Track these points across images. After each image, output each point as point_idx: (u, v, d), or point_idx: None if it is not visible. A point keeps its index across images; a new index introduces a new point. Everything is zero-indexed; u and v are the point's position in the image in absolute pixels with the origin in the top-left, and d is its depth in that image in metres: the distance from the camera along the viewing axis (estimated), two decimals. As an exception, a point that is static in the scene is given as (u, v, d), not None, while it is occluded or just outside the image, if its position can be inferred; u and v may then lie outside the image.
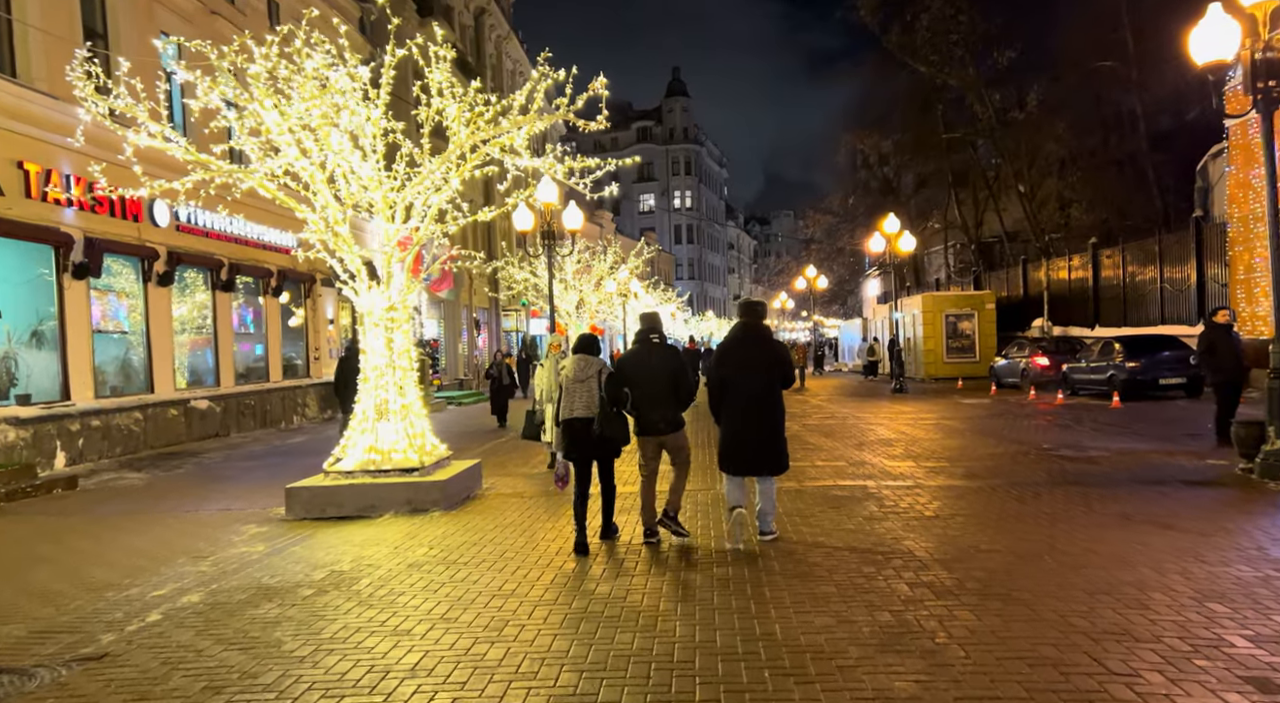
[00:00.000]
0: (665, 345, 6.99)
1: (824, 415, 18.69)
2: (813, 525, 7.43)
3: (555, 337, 10.67)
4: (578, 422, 6.78)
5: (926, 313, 32.05)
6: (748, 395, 6.57)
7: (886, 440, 13.72)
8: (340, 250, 9.16)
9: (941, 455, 11.84)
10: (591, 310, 28.26)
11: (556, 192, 18.26)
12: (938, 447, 12.84)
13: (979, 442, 13.23)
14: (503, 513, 8.55)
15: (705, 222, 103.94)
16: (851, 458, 11.76)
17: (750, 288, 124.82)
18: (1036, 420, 16.34)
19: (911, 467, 10.80)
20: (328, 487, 8.79)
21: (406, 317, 9.42)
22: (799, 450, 12.67)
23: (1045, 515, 7.54)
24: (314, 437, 18.50)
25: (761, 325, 6.94)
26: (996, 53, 32.38)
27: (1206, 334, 11.71)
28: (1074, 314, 28.81)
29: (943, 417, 17.69)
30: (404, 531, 7.86)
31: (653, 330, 7.00)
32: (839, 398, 24.69)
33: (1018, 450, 12.06)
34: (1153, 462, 10.62)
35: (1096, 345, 21.37)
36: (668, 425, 6.77)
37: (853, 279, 71.92)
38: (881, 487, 9.33)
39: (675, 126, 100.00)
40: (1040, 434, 14.03)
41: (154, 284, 15.61)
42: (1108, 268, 26.75)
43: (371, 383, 9.20)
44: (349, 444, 9.21)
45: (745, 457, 6.65)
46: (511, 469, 11.87)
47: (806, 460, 11.59)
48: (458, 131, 8.77)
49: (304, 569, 6.54)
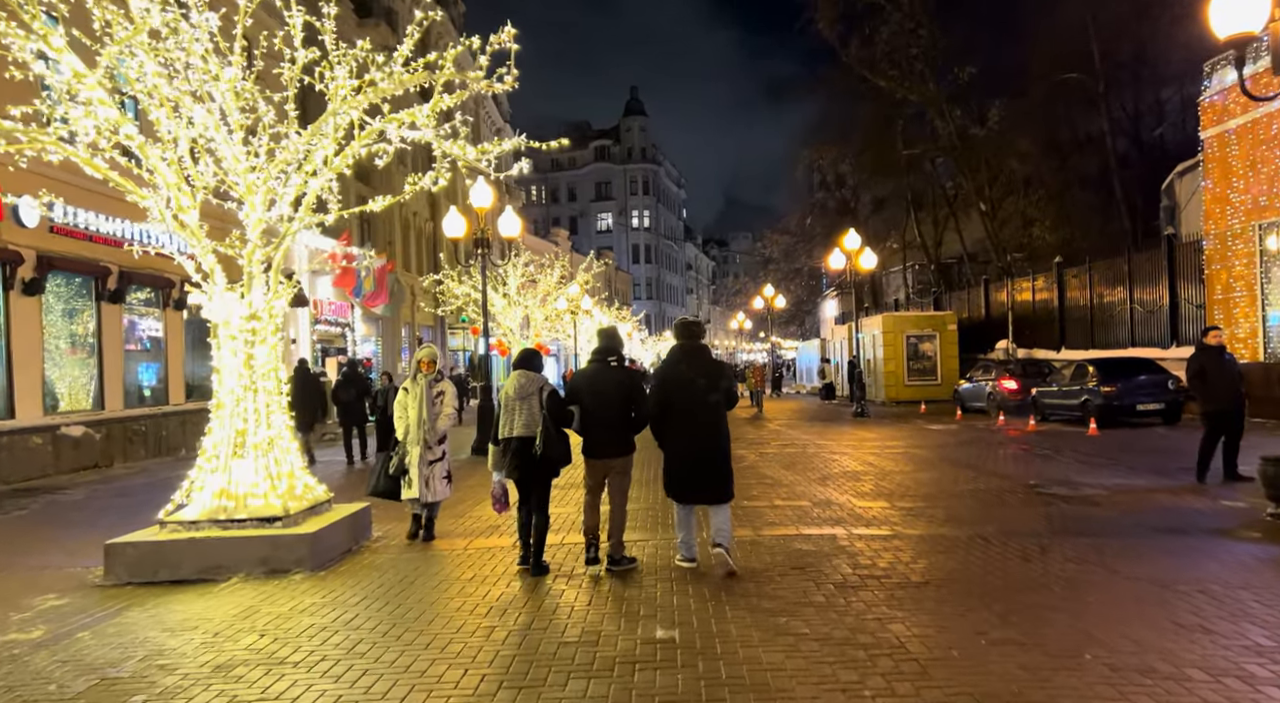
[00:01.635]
0: (623, 367, 6.78)
1: (783, 443, 17.16)
2: (773, 597, 5.79)
3: (426, 350, 7.95)
4: (517, 441, 6.54)
5: (887, 334, 30.92)
6: (692, 418, 6.36)
7: (853, 474, 12.20)
8: (192, 244, 7.36)
9: (917, 493, 10.32)
10: (538, 328, 26.50)
11: (492, 194, 16.60)
12: (911, 482, 11.34)
13: (956, 475, 11.77)
14: (385, 575, 6.78)
15: (663, 241, 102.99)
16: (816, 496, 10.18)
17: (708, 309, 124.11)
18: (1011, 449, 14.98)
19: (885, 508, 9.25)
20: (160, 542, 6.94)
21: (274, 328, 7.64)
22: (756, 486, 11.07)
23: (1061, 582, 6.00)
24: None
25: (701, 346, 6.74)
26: (957, 68, 31.58)
27: (1197, 357, 10.40)
28: (1039, 336, 27.81)
29: (910, 445, 16.27)
30: (244, 604, 6.04)
31: (611, 351, 6.75)
32: (798, 423, 23.22)
33: (1002, 487, 10.60)
34: (1160, 503, 9.21)
35: (1067, 369, 20.22)
36: (617, 450, 6.56)
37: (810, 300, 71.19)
38: (854, 537, 7.74)
39: (633, 146, 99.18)
40: (1021, 466, 12.63)
41: (17, 293, 13.54)
42: (1074, 288, 25.79)
43: (227, 410, 7.38)
44: (195, 486, 7.36)
45: (692, 482, 6.41)
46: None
47: (764, 499, 9.98)
48: (346, 94, 7.08)
49: (68, 675, 4.71)
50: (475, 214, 16.71)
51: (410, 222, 37.29)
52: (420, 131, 7.33)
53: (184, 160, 7.12)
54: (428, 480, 7.86)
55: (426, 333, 39.13)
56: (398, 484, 7.89)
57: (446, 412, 7.93)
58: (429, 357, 8.01)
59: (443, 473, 8.04)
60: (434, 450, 7.93)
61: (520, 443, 6.49)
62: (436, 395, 7.89)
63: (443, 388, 7.97)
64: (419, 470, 7.85)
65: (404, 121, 7.43)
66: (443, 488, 8.05)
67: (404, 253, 36.14)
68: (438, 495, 8.03)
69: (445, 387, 8.01)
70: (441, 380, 8.00)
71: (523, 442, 6.48)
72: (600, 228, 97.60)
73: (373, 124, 7.43)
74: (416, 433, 7.83)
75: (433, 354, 8.09)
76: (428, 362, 7.94)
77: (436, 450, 7.96)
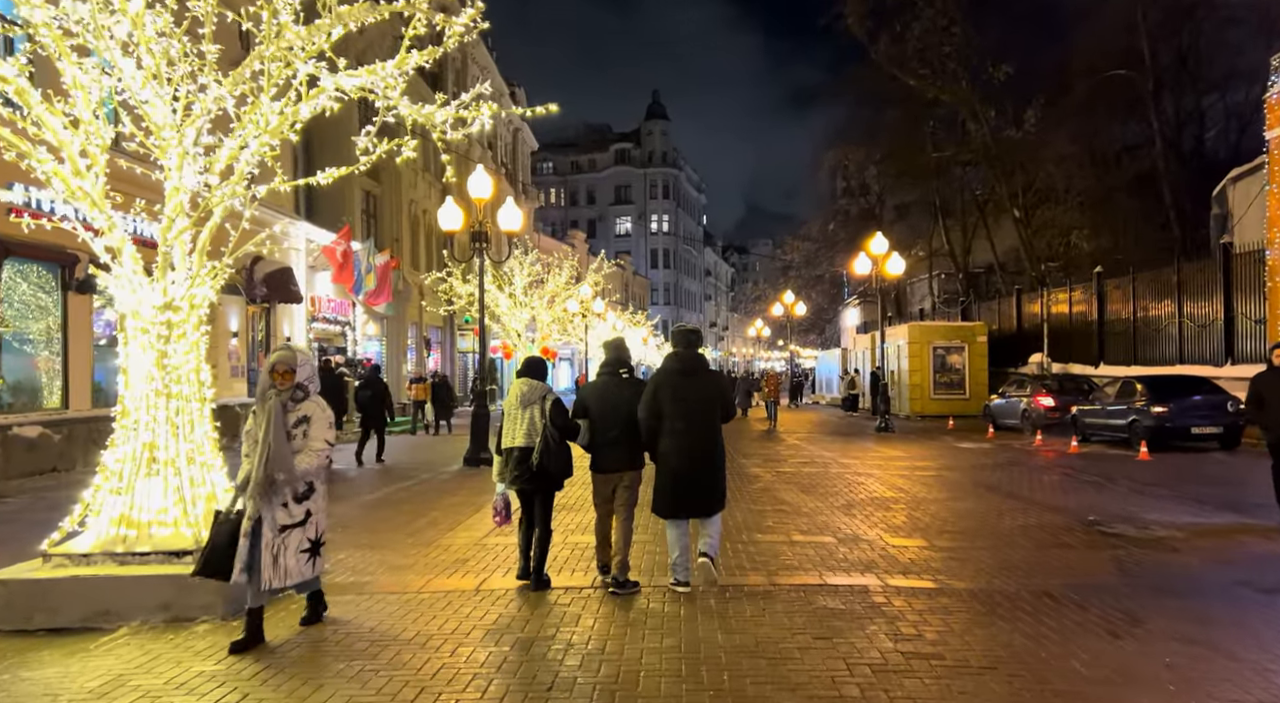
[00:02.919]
0: (634, 380, 6.56)
1: (802, 461, 15.75)
2: (793, 685, 4.44)
3: (280, 354, 5.17)
4: (518, 451, 6.30)
5: (913, 344, 29.42)
6: (685, 430, 6.09)
7: (882, 501, 10.79)
8: (96, 219, 6.12)
9: (958, 528, 8.92)
10: (545, 330, 25.25)
11: (491, 184, 15.35)
12: (948, 512, 9.92)
13: (999, 505, 10.33)
14: (319, 632, 5.48)
15: (683, 247, 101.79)
16: (841, 529, 8.80)
17: (727, 315, 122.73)
18: (1056, 475, 13.52)
19: (923, 548, 7.86)
20: (39, 581, 5.68)
21: (197, 322, 6.37)
22: (772, 514, 9.70)
23: (1172, 677, 4.57)
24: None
25: (698, 355, 6.39)
26: (992, 67, 30.05)
27: (1263, 379, 8.92)
28: (1075, 350, 26.22)
29: (944, 466, 14.82)
30: (114, 670, 4.75)
31: (621, 363, 6.55)
32: (818, 437, 21.78)
33: (1055, 522, 9.17)
34: (1252, 550, 7.77)
35: (1112, 386, 18.69)
36: (627, 464, 6.37)
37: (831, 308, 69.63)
38: (889, 590, 6.36)
39: (654, 150, 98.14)
40: (1071, 496, 11.19)
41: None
42: (1115, 300, 24.20)
43: (133, 419, 6.12)
44: (90, 509, 6.09)
45: (688, 498, 6.16)
46: (392, 537, 8.78)
47: (781, 532, 8.61)
48: (280, 27, 5.82)
49: None
50: (474, 205, 15.48)
51: (420, 219, 36.16)
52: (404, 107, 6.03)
53: (83, 110, 5.86)
54: (276, 556, 5.06)
55: (435, 334, 37.98)
56: (226, 557, 5.03)
57: (314, 447, 5.15)
58: (284, 364, 5.16)
59: (301, 544, 5.16)
60: (290, 510, 5.14)
61: (521, 453, 6.26)
62: (297, 423, 5.15)
63: (307, 411, 5.21)
64: (263, 539, 5.03)
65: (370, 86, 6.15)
66: (299, 567, 5.17)
67: (412, 250, 35.00)
68: (288, 579, 5.14)
69: (310, 409, 5.23)
70: (305, 401, 5.22)
71: (523, 452, 6.25)
72: (619, 232, 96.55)
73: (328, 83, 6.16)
74: (259, 477, 4.98)
75: (289, 360, 5.18)
76: (282, 371, 5.14)
77: (295, 510, 5.15)
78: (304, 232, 23.70)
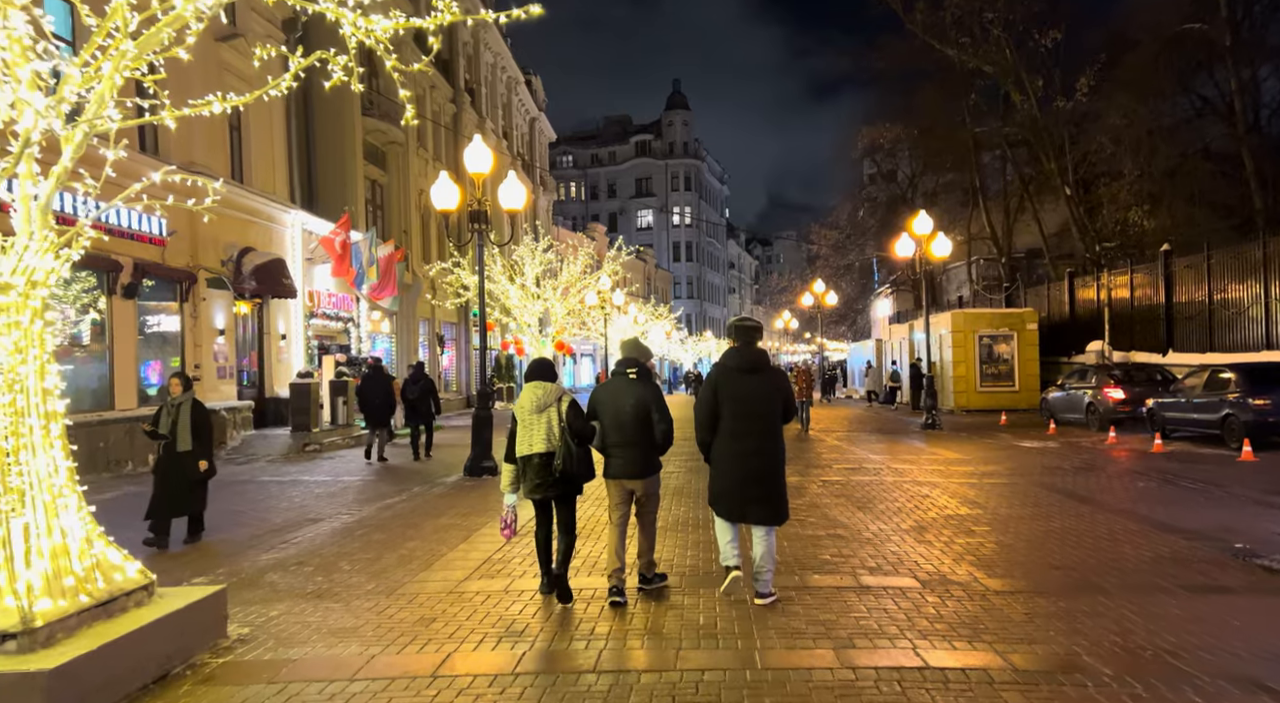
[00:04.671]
0: (643, 380, 6.14)
1: (848, 465, 13.81)
2: None
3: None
4: (538, 458, 5.91)
5: (957, 334, 27.30)
6: (745, 431, 5.72)
7: (958, 521, 8.85)
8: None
9: (1068, 562, 6.96)
10: (560, 324, 23.43)
11: (491, 157, 13.54)
12: (1046, 536, 7.96)
13: (1108, 526, 8.35)
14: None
15: (705, 239, 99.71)
16: (919, 565, 6.87)
17: (751, 308, 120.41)
18: (1152, 481, 11.50)
19: (1033, 597, 5.91)
20: None
21: (39, 308, 4.61)
22: (827, 540, 7.82)
23: None
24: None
25: (761, 351, 5.93)
26: (1039, 33, 27.75)
27: None
28: (1138, 337, 23.99)
29: (1013, 471, 12.80)
30: None
31: (632, 363, 6.18)
32: (859, 436, 19.79)
33: (1195, 552, 7.20)
34: None
35: (1196, 376, 16.56)
36: (639, 470, 6.01)
37: (860, 299, 67.23)
38: (1021, 679, 4.44)
39: (675, 141, 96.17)
40: (1187, 510, 9.20)
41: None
42: (1186, 281, 21.92)
43: (-53, 442, 4.37)
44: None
45: (741, 500, 5.76)
46: (349, 581, 6.99)
47: (844, 569, 6.71)
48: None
49: None
50: (471, 182, 13.67)
51: (431, 210, 34.25)
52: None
53: None
54: None
55: (448, 330, 36.33)
56: None
57: None
58: None
59: None
60: None
61: (542, 459, 5.92)
62: None
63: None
64: None
65: None
66: None
67: (423, 243, 33.33)
68: None
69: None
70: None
71: (544, 458, 5.92)
72: (640, 225, 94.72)
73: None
74: None
75: None
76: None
77: None
78: (299, 221, 22.04)
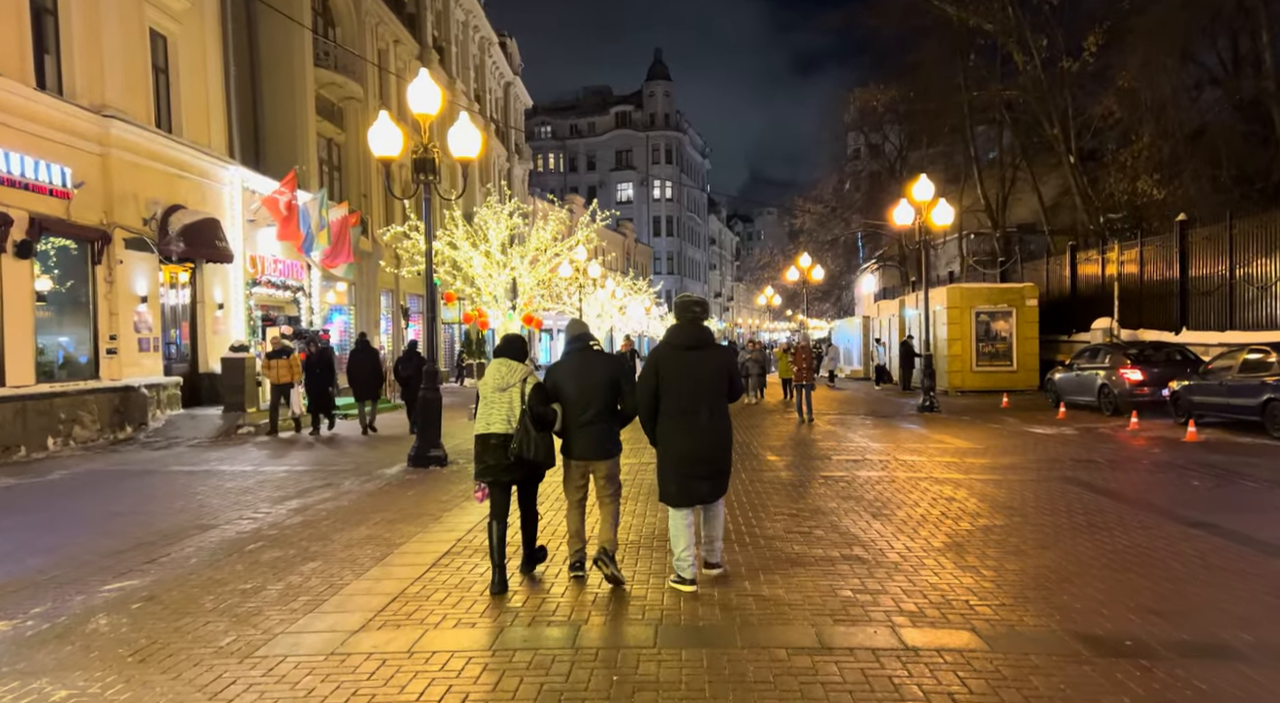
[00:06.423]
0: (604, 353, 6.00)
1: (851, 457, 12.10)
2: None
3: None
4: (494, 438, 5.70)
5: (952, 309, 25.72)
6: (689, 409, 5.53)
7: (996, 532, 7.13)
8: None
9: (1171, 608, 5.27)
10: (528, 295, 21.50)
11: (440, 95, 11.57)
12: (1119, 559, 6.25)
13: (1193, 544, 6.65)
14: None
15: (686, 214, 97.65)
16: (970, 608, 5.13)
17: (732, 285, 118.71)
18: (1200, 477, 9.88)
19: (1153, 669, 4.22)
20: None
21: None
22: (841, 562, 6.06)
23: None
24: (69, 472, 11.90)
25: (703, 328, 5.76)
26: (1043, -11, 26.00)
27: None
28: (1147, 314, 22.49)
29: (1036, 463, 11.14)
30: None
31: (586, 336, 5.96)
32: (855, 420, 18.12)
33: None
34: None
35: (1228, 356, 15.02)
36: (600, 452, 5.76)
37: (844, 275, 65.71)
38: None
39: (656, 112, 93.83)
40: (1258, 517, 7.58)
41: None
42: (1203, 254, 20.37)
43: None
44: None
45: (694, 484, 5.58)
46: (186, 639, 5.16)
47: (875, 620, 4.97)
48: None
49: None
50: (417, 125, 11.69)
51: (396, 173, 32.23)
52: None
53: None
54: None
55: (414, 302, 34.24)
56: None
57: None
58: None
59: None
60: None
61: (500, 440, 5.66)
62: None
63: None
64: None
65: None
66: None
67: (385, 207, 31.08)
68: None
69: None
70: None
71: (502, 439, 5.65)
72: (620, 198, 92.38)
73: None
74: None
75: None
76: None
77: None
78: (239, 178, 19.87)
